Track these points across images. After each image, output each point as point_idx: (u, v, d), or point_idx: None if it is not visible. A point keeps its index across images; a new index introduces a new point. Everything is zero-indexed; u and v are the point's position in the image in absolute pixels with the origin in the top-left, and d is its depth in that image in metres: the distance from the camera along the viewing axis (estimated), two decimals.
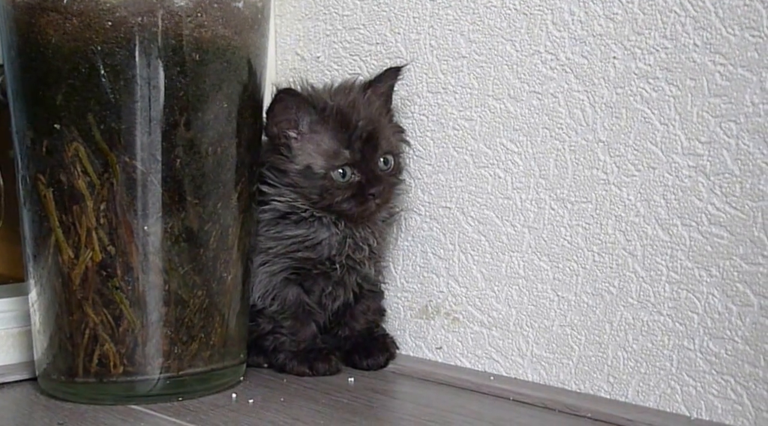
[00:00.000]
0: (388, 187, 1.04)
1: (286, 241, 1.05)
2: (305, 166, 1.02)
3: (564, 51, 0.97)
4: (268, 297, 1.06)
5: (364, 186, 1.02)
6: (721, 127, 0.86)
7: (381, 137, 1.04)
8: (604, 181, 0.95)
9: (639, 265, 0.93)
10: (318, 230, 1.04)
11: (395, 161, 1.06)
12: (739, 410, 0.86)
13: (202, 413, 0.91)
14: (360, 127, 1.02)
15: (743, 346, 0.86)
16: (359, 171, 1.02)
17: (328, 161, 1.02)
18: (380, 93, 1.07)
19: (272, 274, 1.06)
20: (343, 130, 1.02)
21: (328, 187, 1.01)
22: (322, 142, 1.02)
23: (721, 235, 0.87)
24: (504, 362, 1.05)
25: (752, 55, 0.83)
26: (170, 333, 0.95)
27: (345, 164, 1.02)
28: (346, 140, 1.02)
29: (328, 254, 1.05)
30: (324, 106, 1.03)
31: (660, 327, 0.91)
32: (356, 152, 1.02)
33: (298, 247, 1.05)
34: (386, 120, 1.07)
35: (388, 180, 1.04)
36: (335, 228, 1.05)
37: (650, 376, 0.92)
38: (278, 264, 1.05)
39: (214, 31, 0.94)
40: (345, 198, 1.02)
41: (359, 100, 1.04)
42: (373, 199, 1.02)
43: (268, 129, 1.03)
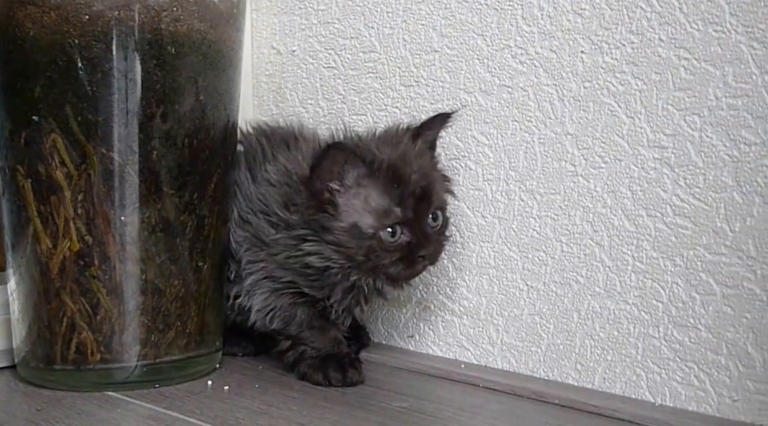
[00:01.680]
0: (438, 247, 0.96)
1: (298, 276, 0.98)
2: (352, 225, 0.93)
3: (533, 45, 0.99)
4: (270, 313, 1.00)
5: (413, 247, 0.93)
6: (685, 120, 0.88)
7: (434, 193, 0.96)
8: (572, 172, 0.97)
9: (606, 255, 0.95)
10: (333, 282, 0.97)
11: (443, 216, 0.98)
12: (702, 396, 0.88)
13: (178, 400, 0.93)
14: (413, 183, 0.93)
15: (706, 334, 0.88)
16: (409, 230, 0.93)
17: (379, 220, 0.92)
18: (429, 141, 1.00)
19: (276, 290, 1.00)
20: (395, 186, 0.92)
21: (376, 249, 0.93)
22: (370, 198, 0.92)
23: (685, 226, 0.89)
24: (474, 350, 1.07)
25: (715, 49, 0.86)
26: (147, 321, 0.96)
27: (396, 223, 0.92)
28: (398, 197, 0.92)
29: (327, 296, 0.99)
30: (373, 158, 0.93)
31: (626, 315, 0.94)
32: (408, 210, 0.93)
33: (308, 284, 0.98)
34: (438, 174, 1.00)
35: (437, 239, 0.96)
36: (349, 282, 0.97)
37: (616, 363, 0.95)
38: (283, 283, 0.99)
39: (190, 25, 0.95)
40: (393, 261, 0.93)
41: (410, 152, 0.95)
42: (423, 262, 0.94)
43: (311, 183, 0.93)
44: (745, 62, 0.84)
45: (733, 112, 0.85)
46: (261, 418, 0.88)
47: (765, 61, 0.82)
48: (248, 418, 0.87)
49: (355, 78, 1.17)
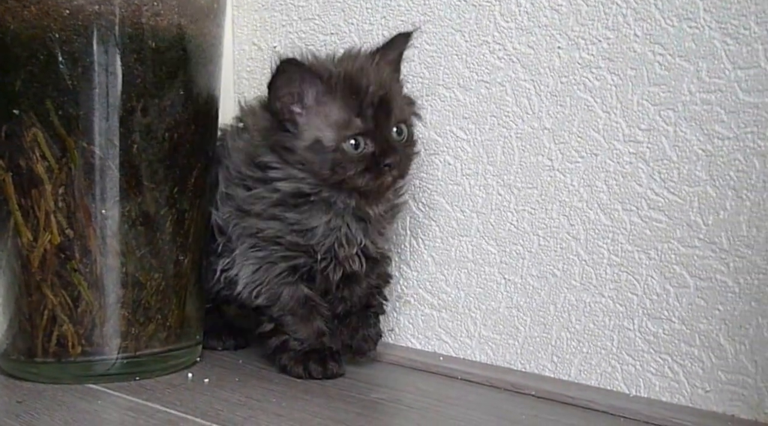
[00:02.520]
0: (405, 159, 0.95)
1: (278, 223, 0.97)
2: (314, 141, 0.93)
3: (511, 41, 1.00)
4: (256, 288, 0.99)
5: (378, 156, 0.93)
6: (660, 115, 0.89)
7: (394, 104, 0.95)
8: (549, 167, 0.98)
9: (582, 249, 0.96)
10: (312, 217, 0.96)
11: (409, 131, 0.97)
12: (676, 387, 0.90)
13: (158, 392, 0.94)
14: (371, 93, 0.93)
15: (680, 326, 0.89)
16: (372, 141, 0.93)
17: (339, 132, 0.92)
18: (389, 60, 0.99)
19: (262, 260, 0.99)
20: (353, 97, 0.93)
21: (340, 161, 0.92)
22: (330, 112, 0.93)
23: (660, 219, 0.90)
24: (453, 343, 1.08)
25: (689, 45, 0.87)
26: (127, 314, 0.97)
27: (357, 134, 0.92)
28: (356, 107, 0.92)
29: (310, 242, 0.97)
30: (330, 74, 0.93)
31: (601, 308, 0.95)
32: (368, 120, 0.93)
33: (288, 231, 0.97)
34: (398, 88, 0.99)
35: (404, 150, 0.95)
36: (326, 216, 0.96)
37: (592, 355, 0.96)
38: (267, 250, 0.98)
39: (170, 20, 0.96)
40: (359, 171, 0.93)
41: (367, 65, 0.96)
42: (390, 171, 0.93)
43: (270, 104, 0.94)
44: (718, 58, 0.85)
45: (707, 107, 0.86)
46: (240, 409, 0.88)
47: (738, 57, 0.84)
48: (227, 410, 0.88)
49: None
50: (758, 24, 0.82)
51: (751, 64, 0.83)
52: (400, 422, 0.85)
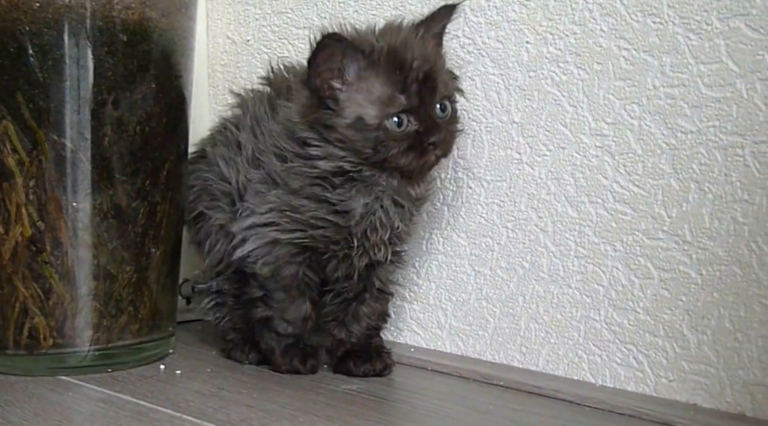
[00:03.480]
0: (449, 137, 0.91)
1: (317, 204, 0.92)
2: (356, 118, 0.89)
3: (480, 36, 1.01)
4: (261, 259, 0.96)
5: (422, 135, 0.89)
6: (625, 109, 0.91)
7: (439, 79, 0.91)
8: (518, 160, 0.99)
9: (549, 241, 0.97)
10: (351, 198, 0.92)
11: (452, 108, 0.93)
12: (641, 377, 0.91)
13: (130, 384, 0.94)
14: (416, 68, 0.89)
15: (644, 317, 0.91)
16: (416, 118, 0.89)
17: (382, 109, 0.88)
18: (434, 33, 0.94)
19: (277, 241, 0.95)
20: (397, 72, 0.88)
21: (383, 139, 0.88)
22: (373, 88, 0.89)
23: (625, 212, 0.91)
24: (424, 334, 1.09)
25: (654, 40, 0.88)
26: (99, 306, 0.97)
27: (401, 111, 0.88)
28: (400, 83, 0.88)
29: (350, 224, 0.93)
30: (372, 48, 0.89)
31: (569, 299, 0.96)
32: (413, 97, 0.88)
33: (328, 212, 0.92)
34: (442, 62, 0.95)
35: (448, 128, 0.91)
36: (366, 198, 0.92)
37: (559, 346, 0.97)
38: (289, 234, 0.94)
39: (141, 13, 0.96)
40: (402, 150, 0.89)
41: (411, 38, 0.91)
42: (434, 150, 0.90)
43: (309, 81, 0.90)
44: (681, 53, 0.86)
45: (671, 102, 0.87)
46: (211, 401, 0.89)
47: (700, 52, 0.85)
48: (199, 401, 0.89)
49: None
50: (720, 20, 0.83)
51: (713, 59, 0.84)
52: (370, 413, 0.86)
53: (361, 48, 0.89)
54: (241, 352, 1.04)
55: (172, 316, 1.07)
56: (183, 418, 0.83)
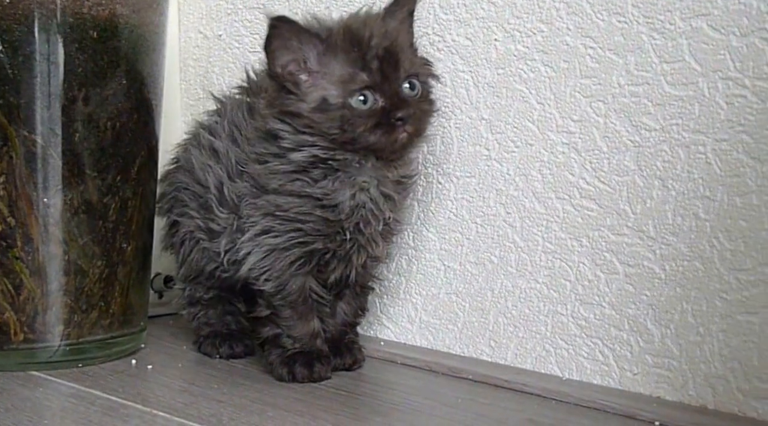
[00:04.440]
0: (420, 114, 0.89)
1: (300, 199, 0.91)
2: (320, 100, 0.88)
3: (450, 33, 1.02)
4: (264, 274, 0.94)
5: (389, 111, 0.87)
6: (591, 107, 0.92)
7: (402, 56, 0.89)
8: (487, 156, 1.00)
9: (518, 236, 0.98)
10: (337, 191, 0.91)
11: (423, 87, 0.91)
12: (606, 370, 0.92)
13: (100, 378, 0.95)
14: (374, 45, 0.88)
15: (610, 311, 0.92)
16: (382, 95, 0.87)
17: (345, 88, 0.87)
18: (397, 18, 0.92)
19: (275, 249, 0.93)
20: (355, 50, 0.88)
21: (349, 118, 0.87)
22: (334, 70, 0.88)
23: (591, 208, 0.93)
24: (394, 328, 1.10)
25: (619, 39, 0.89)
26: (70, 302, 0.98)
27: (364, 87, 0.87)
28: (360, 60, 0.87)
29: (340, 218, 0.92)
30: (330, 32, 0.89)
31: (536, 294, 0.97)
32: (375, 73, 0.87)
33: (314, 207, 0.91)
34: (406, 41, 0.93)
35: (418, 105, 0.89)
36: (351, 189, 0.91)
37: (527, 339, 0.98)
38: (285, 236, 0.92)
39: (112, 10, 0.97)
40: (369, 127, 0.87)
41: (370, 18, 0.91)
42: (403, 126, 0.88)
43: (270, 68, 0.89)
44: (645, 51, 0.87)
45: (635, 100, 0.88)
46: (181, 395, 0.90)
47: (664, 51, 0.86)
48: (168, 396, 0.89)
49: None
50: (682, 19, 0.84)
51: (676, 58, 0.85)
52: (339, 408, 0.87)
53: (317, 33, 0.88)
54: (212, 346, 1.05)
55: (144, 310, 1.07)
56: (153, 413, 0.84)
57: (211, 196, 0.98)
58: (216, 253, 0.99)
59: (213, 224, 0.98)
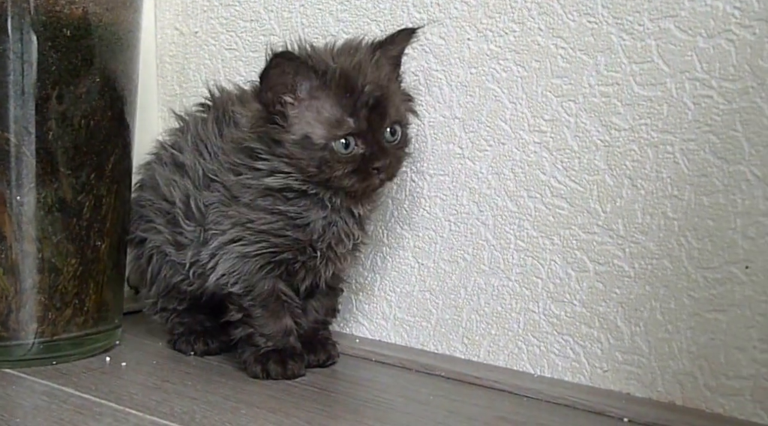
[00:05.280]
0: (395, 162, 0.92)
1: (271, 216, 0.93)
2: (303, 136, 0.89)
3: (423, 32, 1.02)
4: (233, 277, 0.95)
5: (368, 159, 0.89)
6: (562, 107, 0.93)
7: (390, 105, 0.91)
8: (460, 155, 1.01)
9: (490, 234, 0.99)
10: (309, 210, 0.93)
11: (403, 132, 0.93)
12: (577, 367, 0.93)
13: (74, 376, 0.95)
14: (367, 93, 0.89)
15: (580, 309, 0.93)
16: (363, 142, 0.89)
17: (330, 130, 0.89)
18: (390, 56, 0.94)
19: (245, 256, 0.94)
20: (348, 96, 0.89)
21: (328, 160, 0.89)
22: (323, 109, 0.89)
23: (562, 207, 0.93)
24: (369, 325, 1.11)
25: (589, 39, 0.90)
26: (44, 299, 0.98)
27: (348, 134, 0.89)
28: (350, 107, 0.89)
29: (311, 238, 0.94)
30: (326, 68, 0.89)
31: (509, 291, 0.98)
32: (361, 121, 0.89)
33: (286, 225, 0.93)
34: (396, 86, 0.95)
35: (395, 153, 0.92)
36: (323, 211, 0.93)
37: (500, 337, 0.99)
38: (254, 246, 0.94)
39: (85, 8, 0.97)
40: (346, 172, 0.89)
41: (366, 62, 0.91)
42: (378, 174, 0.90)
43: (261, 95, 0.90)
44: (615, 52, 0.88)
45: (605, 100, 0.89)
46: (155, 393, 0.90)
47: (633, 52, 0.87)
48: (142, 394, 0.90)
49: (255, 60, 1.20)
50: (651, 20, 0.85)
51: (644, 59, 0.86)
52: (312, 405, 0.87)
53: (314, 67, 0.89)
54: (186, 343, 1.05)
55: (119, 308, 1.08)
56: (126, 411, 0.85)
57: (177, 210, 0.99)
58: (182, 265, 1.00)
59: (180, 237, 1.00)
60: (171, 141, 1.05)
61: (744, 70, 0.80)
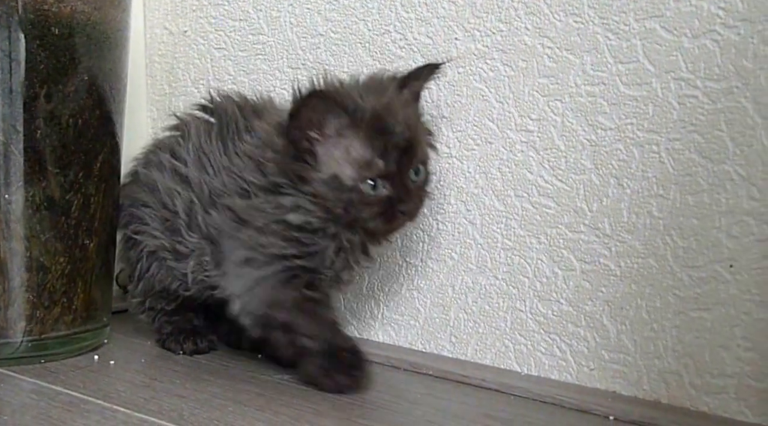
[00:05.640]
0: (418, 203, 0.91)
1: (284, 242, 0.91)
2: (332, 176, 0.88)
3: (411, 31, 1.03)
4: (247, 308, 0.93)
5: (394, 201, 0.88)
6: (548, 106, 0.93)
7: (418, 146, 0.90)
8: (447, 154, 1.01)
9: (478, 233, 0.99)
10: (321, 240, 0.91)
11: (425, 171, 0.92)
12: (563, 366, 0.94)
13: (62, 374, 0.95)
14: (398, 134, 0.87)
15: (567, 308, 0.93)
16: (390, 183, 0.88)
17: (360, 172, 0.87)
18: (414, 92, 0.94)
19: (256, 282, 0.92)
20: (379, 137, 0.87)
21: (355, 201, 0.88)
22: (352, 148, 0.87)
23: (549, 206, 0.94)
24: (357, 324, 1.11)
25: (575, 39, 0.91)
26: (32, 298, 0.98)
27: (378, 176, 0.87)
28: (380, 148, 0.87)
29: (320, 265, 0.92)
30: (356, 107, 0.87)
31: (496, 290, 0.99)
32: (391, 163, 0.87)
33: (297, 252, 0.91)
34: (422, 126, 0.94)
35: (419, 194, 0.91)
36: (334, 243, 0.92)
37: (487, 335, 1.00)
38: (267, 268, 0.92)
39: (73, 6, 0.97)
40: (372, 214, 0.88)
41: (395, 102, 0.89)
42: (402, 217, 0.89)
43: (289, 133, 0.88)
44: (601, 52, 0.89)
45: (591, 99, 0.90)
46: (143, 391, 0.90)
47: (619, 52, 0.87)
48: (130, 391, 0.90)
49: (244, 59, 1.20)
50: (637, 20, 0.86)
51: (630, 59, 0.87)
52: (299, 403, 0.87)
53: (344, 105, 0.87)
54: (175, 342, 1.05)
55: (107, 306, 1.08)
56: (114, 409, 0.85)
57: (179, 221, 0.98)
58: (182, 274, 1.00)
59: (180, 246, 0.99)
60: (169, 144, 1.03)
61: (728, 70, 0.81)
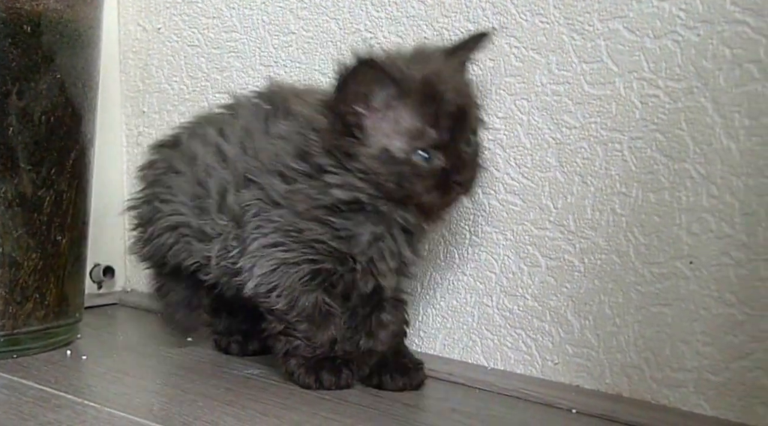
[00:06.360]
0: (474, 174, 0.86)
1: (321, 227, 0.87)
2: (381, 149, 0.83)
3: (381, 30, 1.04)
4: (276, 291, 0.90)
5: (450, 173, 0.84)
6: (515, 105, 0.94)
7: (471, 113, 0.86)
8: None
9: (446, 230, 1.01)
10: (358, 225, 0.87)
11: (476, 141, 0.87)
12: (529, 360, 0.95)
13: (34, 369, 0.96)
14: (449, 101, 0.83)
15: (532, 303, 0.95)
16: (444, 154, 0.83)
17: (410, 142, 0.83)
18: (462, 61, 0.89)
19: (284, 262, 0.89)
20: (430, 105, 0.82)
21: (408, 174, 0.83)
22: (401, 119, 0.83)
23: (515, 203, 0.95)
24: None
25: (541, 39, 0.92)
26: (4, 293, 0.99)
27: (431, 146, 0.83)
28: (432, 116, 0.82)
29: (353, 250, 0.88)
30: (403, 76, 0.83)
31: (463, 286, 1.00)
32: (444, 132, 0.83)
33: (330, 236, 0.87)
34: (474, 94, 0.89)
35: (473, 165, 0.86)
36: (374, 227, 0.87)
37: (455, 330, 1.01)
38: (295, 252, 0.88)
39: (45, 5, 0.98)
40: (427, 187, 0.84)
41: (444, 69, 0.85)
42: (458, 189, 0.85)
43: (336, 105, 0.84)
44: (566, 52, 0.90)
45: (557, 98, 0.91)
46: (114, 385, 0.91)
47: (583, 51, 0.89)
48: (101, 386, 0.91)
49: (217, 56, 1.21)
50: (601, 21, 0.87)
51: (594, 59, 0.88)
52: (268, 398, 0.88)
53: (392, 75, 0.82)
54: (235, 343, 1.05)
55: (80, 302, 1.09)
56: (84, 404, 0.86)
57: (210, 201, 0.94)
58: (206, 257, 0.95)
59: (207, 228, 0.94)
60: (219, 120, 0.97)
61: (689, 70, 0.83)
